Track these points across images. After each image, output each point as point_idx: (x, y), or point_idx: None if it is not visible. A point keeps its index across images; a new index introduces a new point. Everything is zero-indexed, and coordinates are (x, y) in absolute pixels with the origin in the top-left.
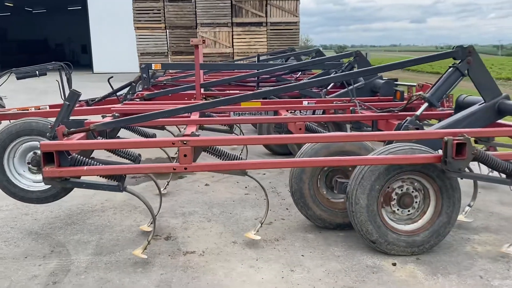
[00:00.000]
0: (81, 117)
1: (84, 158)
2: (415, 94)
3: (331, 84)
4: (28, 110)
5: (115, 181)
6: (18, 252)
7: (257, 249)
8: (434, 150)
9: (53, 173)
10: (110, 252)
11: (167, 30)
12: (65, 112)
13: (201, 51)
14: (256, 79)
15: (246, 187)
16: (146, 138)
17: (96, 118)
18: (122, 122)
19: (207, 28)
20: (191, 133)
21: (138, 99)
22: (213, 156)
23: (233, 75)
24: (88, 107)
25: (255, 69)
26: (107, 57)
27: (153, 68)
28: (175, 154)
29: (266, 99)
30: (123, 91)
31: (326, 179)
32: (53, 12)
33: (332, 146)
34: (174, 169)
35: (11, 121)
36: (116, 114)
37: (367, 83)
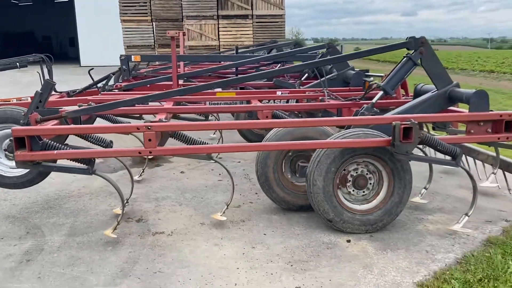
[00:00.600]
0: (61, 107)
1: (55, 143)
2: (371, 83)
3: (305, 75)
4: (10, 101)
5: (84, 165)
6: None
7: (223, 229)
8: (389, 135)
9: (25, 157)
10: (83, 233)
11: (153, 23)
12: (38, 100)
13: (182, 42)
14: (235, 70)
15: (219, 174)
16: None
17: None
18: (91, 110)
19: (193, 21)
20: (158, 119)
21: (116, 90)
22: (179, 141)
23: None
24: (69, 98)
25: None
26: (94, 50)
27: (133, 60)
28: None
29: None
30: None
31: (291, 164)
32: (40, 5)
33: (295, 132)
34: (140, 153)
35: None
36: (91, 104)
37: (340, 74)
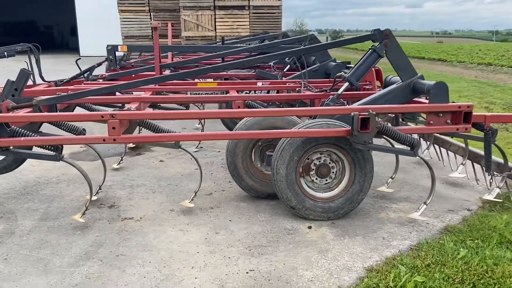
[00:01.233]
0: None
1: (23, 130)
2: (338, 74)
3: (287, 66)
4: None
5: (52, 151)
6: None
7: (191, 216)
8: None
9: None
10: (55, 218)
11: (151, 13)
12: (9, 88)
13: (170, 33)
14: (221, 61)
15: None
16: None
17: None
18: (59, 98)
19: (190, 11)
20: (127, 108)
21: (101, 80)
22: (147, 129)
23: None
24: (56, 87)
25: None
26: (93, 40)
27: (119, 50)
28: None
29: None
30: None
31: (261, 153)
32: None
33: (263, 122)
34: (104, 140)
35: None
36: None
37: (321, 66)
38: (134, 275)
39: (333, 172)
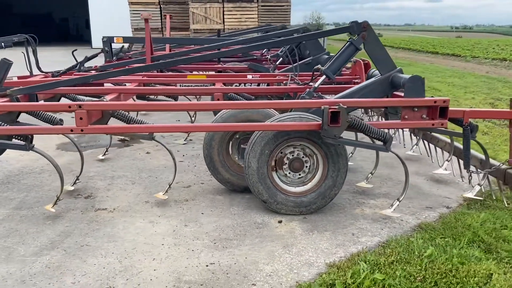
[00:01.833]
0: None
1: None
2: (315, 67)
3: (280, 59)
4: None
5: (22, 141)
6: None
7: (164, 208)
8: None
9: None
10: (30, 207)
11: (160, 6)
12: None
13: (168, 25)
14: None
15: (183, 155)
16: None
17: None
18: (34, 88)
19: (198, 4)
20: (100, 98)
21: (94, 71)
22: (120, 120)
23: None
24: (52, 78)
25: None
26: (105, 33)
27: (115, 41)
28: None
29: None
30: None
31: (238, 146)
32: None
33: (239, 115)
34: (72, 130)
35: None
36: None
37: (314, 59)
38: (94, 266)
39: (306, 167)
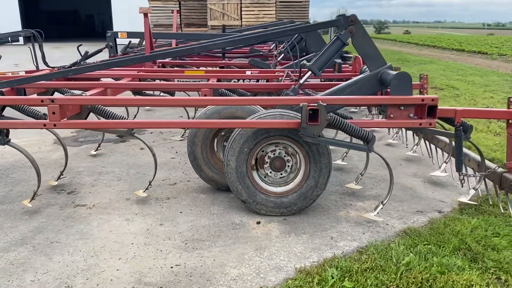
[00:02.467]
0: None
1: None
2: (301, 63)
3: (282, 55)
4: (5, 74)
5: None
6: None
7: (143, 205)
8: None
9: None
10: (11, 202)
11: (180, 2)
12: None
13: (175, 20)
14: (221, 49)
15: (176, 152)
16: None
17: None
18: (15, 82)
19: (216, 0)
20: (80, 93)
21: None
22: (100, 116)
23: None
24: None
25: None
26: (127, 29)
27: (119, 37)
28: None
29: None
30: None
31: (223, 143)
32: None
33: (224, 111)
34: (45, 125)
35: None
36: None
37: (317, 54)
38: (58, 263)
39: (288, 166)
